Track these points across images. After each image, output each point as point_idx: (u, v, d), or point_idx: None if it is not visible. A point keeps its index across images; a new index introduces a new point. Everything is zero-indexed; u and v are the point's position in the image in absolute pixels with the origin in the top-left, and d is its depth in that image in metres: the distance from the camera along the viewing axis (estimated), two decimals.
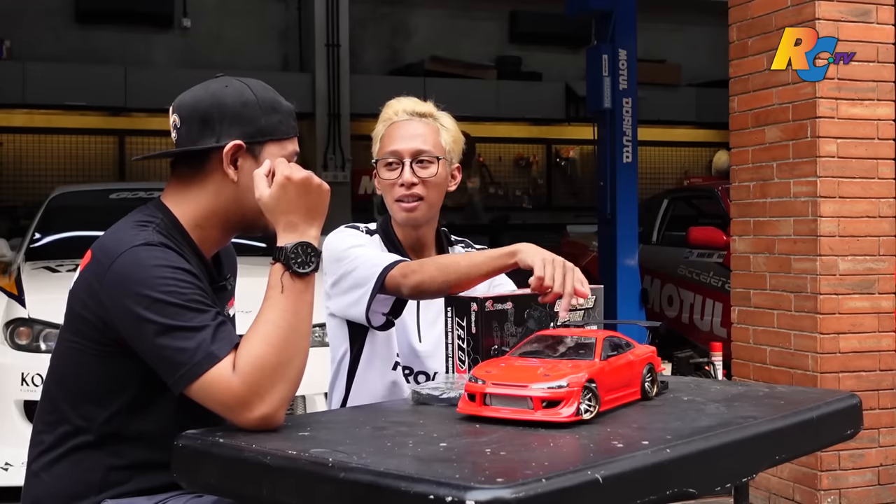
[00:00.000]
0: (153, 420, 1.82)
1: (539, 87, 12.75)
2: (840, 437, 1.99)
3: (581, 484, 1.36)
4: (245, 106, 1.85)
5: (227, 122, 1.84)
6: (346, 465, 1.43)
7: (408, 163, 2.32)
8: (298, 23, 12.22)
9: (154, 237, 1.77)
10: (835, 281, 4.02)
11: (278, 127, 1.87)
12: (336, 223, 2.43)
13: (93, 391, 1.81)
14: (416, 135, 2.33)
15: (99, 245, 1.81)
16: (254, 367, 1.67)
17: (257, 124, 1.85)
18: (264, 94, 1.88)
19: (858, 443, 3.96)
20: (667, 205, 8.45)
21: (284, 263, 1.74)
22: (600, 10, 7.42)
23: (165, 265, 1.73)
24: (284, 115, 1.89)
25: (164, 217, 1.86)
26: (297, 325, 1.73)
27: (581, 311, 2.16)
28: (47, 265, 5.23)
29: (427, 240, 2.41)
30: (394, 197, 2.33)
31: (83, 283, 1.81)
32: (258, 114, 1.85)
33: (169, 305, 1.69)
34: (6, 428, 4.30)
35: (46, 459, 1.84)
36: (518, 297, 2.06)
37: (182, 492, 1.79)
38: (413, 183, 2.31)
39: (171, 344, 1.68)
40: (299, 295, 1.74)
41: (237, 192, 1.85)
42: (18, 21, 11.03)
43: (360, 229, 2.39)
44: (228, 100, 1.85)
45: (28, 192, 10.89)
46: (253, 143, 1.84)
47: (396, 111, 2.38)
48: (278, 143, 1.87)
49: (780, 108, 4.17)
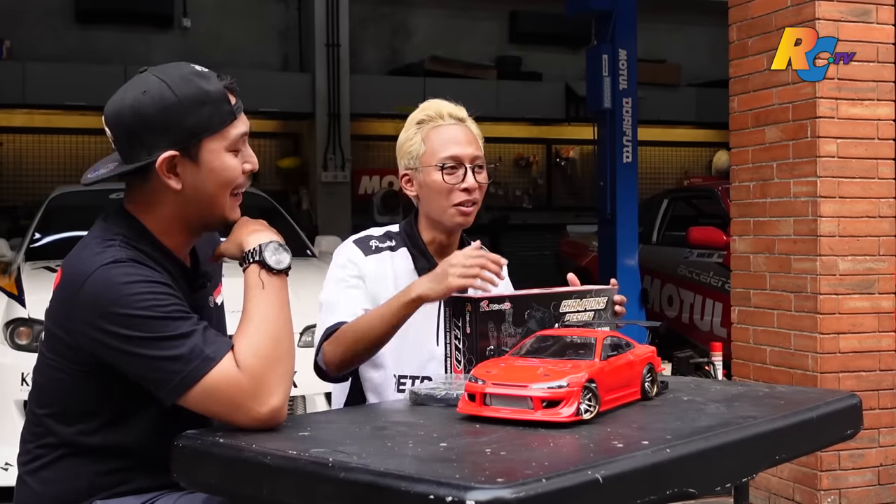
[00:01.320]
0: (136, 432, 1.80)
1: (539, 87, 12.75)
2: (840, 437, 1.99)
3: (581, 484, 1.36)
4: (167, 111, 1.74)
5: (154, 133, 1.74)
6: (346, 465, 1.43)
7: (469, 168, 2.33)
8: (298, 23, 12.22)
9: (121, 253, 1.74)
10: (835, 281, 4.01)
11: (210, 121, 1.76)
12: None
13: (72, 409, 1.80)
14: (470, 140, 2.36)
15: (68, 264, 1.78)
16: (259, 361, 1.67)
17: (185, 126, 1.75)
18: (186, 88, 1.76)
19: (858, 443, 3.96)
20: (667, 205, 8.45)
21: (260, 262, 1.77)
22: (600, 10, 7.42)
23: (138, 280, 1.70)
24: (215, 104, 1.77)
25: (129, 228, 1.81)
26: (285, 319, 1.76)
27: (591, 313, 2.15)
28: (47, 265, 5.22)
29: (454, 243, 2.42)
30: (452, 202, 2.32)
31: (56, 304, 1.78)
32: (183, 115, 1.74)
33: (150, 320, 1.67)
34: (6, 428, 4.30)
35: (34, 466, 1.83)
36: (517, 298, 2.05)
37: (172, 490, 1.79)
38: (476, 187, 2.34)
39: (160, 354, 1.66)
40: (280, 291, 1.77)
41: (186, 196, 1.80)
42: (18, 21, 11.02)
43: (371, 246, 2.35)
44: (148, 109, 1.74)
45: (28, 192, 10.89)
46: (187, 147, 1.76)
47: (441, 114, 2.37)
48: (216, 136, 1.78)
49: (780, 108, 4.17)
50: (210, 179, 1.79)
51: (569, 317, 2.11)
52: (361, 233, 2.41)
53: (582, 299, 2.15)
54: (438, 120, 2.36)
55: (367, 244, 2.35)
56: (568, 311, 2.11)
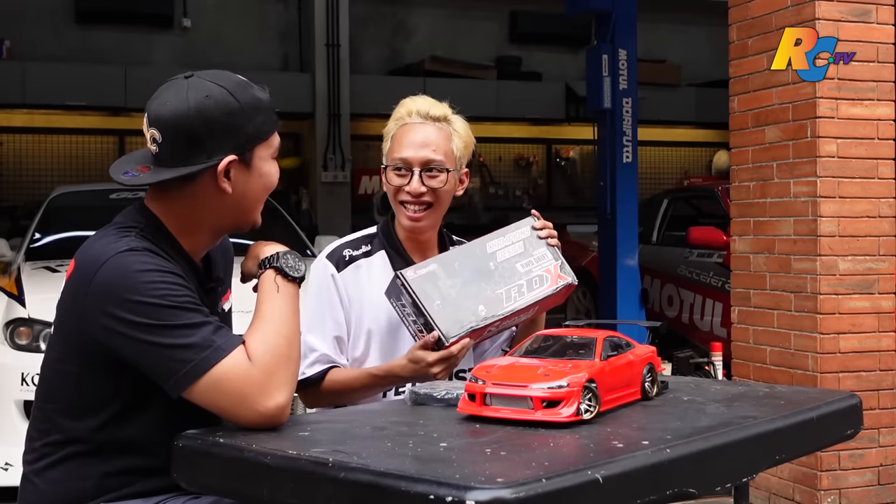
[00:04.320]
0: (143, 428, 1.80)
1: (539, 87, 12.76)
2: (840, 437, 1.99)
3: (581, 484, 1.36)
4: (232, 116, 1.78)
5: (217, 137, 1.77)
6: (346, 465, 1.43)
7: (417, 172, 2.29)
8: (298, 23, 12.23)
9: (136, 243, 1.75)
10: (835, 281, 4.01)
11: (262, 128, 1.83)
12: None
13: (80, 403, 1.80)
14: (426, 143, 2.30)
15: (82, 254, 1.79)
16: (271, 357, 1.69)
17: (246, 133, 1.80)
18: (245, 96, 1.80)
19: (858, 443, 3.96)
20: (667, 205, 8.45)
21: (277, 268, 1.81)
22: (600, 10, 7.42)
23: (152, 269, 1.71)
24: (266, 112, 1.84)
25: (146, 222, 1.82)
26: (296, 324, 1.78)
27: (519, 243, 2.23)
28: (47, 265, 5.22)
29: (430, 242, 2.40)
30: (399, 201, 2.32)
31: (68, 292, 1.79)
32: (245, 121, 1.79)
33: (162, 308, 1.68)
34: (6, 428, 4.30)
35: (40, 465, 1.83)
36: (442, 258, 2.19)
37: (179, 493, 1.78)
38: (421, 192, 2.29)
39: (171, 342, 1.67)
40: (293, 298, 1.81)
41: (230, 200, 1.83)
42: (18, 21, 11.03)
43: (344, 257, 2.34)
44: (215, 113, 1.76)
45: (28, 192, 10.89)
46: (243, 152, 1.81)
47: (410, 112, 2.33)
48: (265, 143, 1.85)
49: (780, 108, 4.17)
50: (258, 184, 1.85)
51: (500, 254, 2.20)
52: (335, 243, 2.40)
53: (504, 236, 2.24)
54: (406, 118, 2.33)
55: (340, 256, 2.33)
56: (496, 251, 2.20)
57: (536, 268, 2.21)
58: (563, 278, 2.22)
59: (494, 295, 2.14)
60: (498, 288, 2.15)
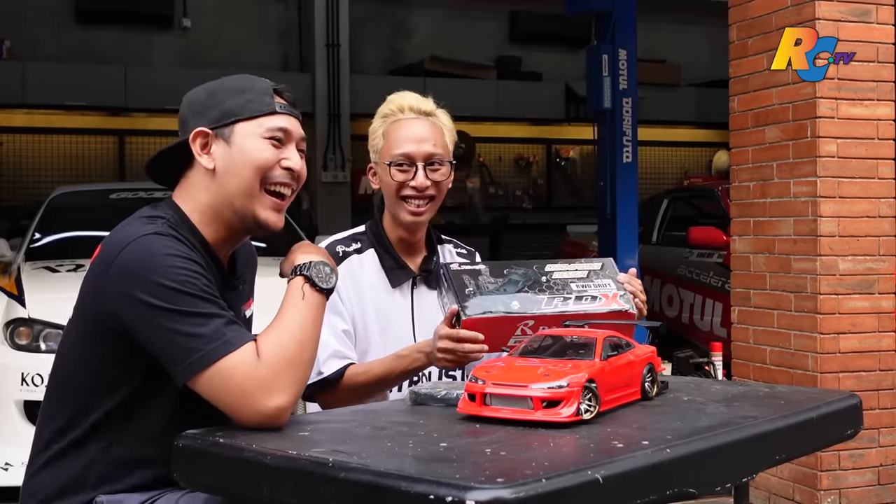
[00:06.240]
0: (151, 417, 1.81)
1: (539, 87, 12.75)
2: (840, 437, 1.99)
3: (581, 484, 1.36)
4: (211, 95, 1.87)
5: (195, 114, 1.87)
6: (346, 465, 1.43)
7: (421, 166, 2.30)
8: (298, 23, 12.22)
9: (164, 229, 1.78)
10: (835, 281, 4.01)
11: (246, 106, 1.85)
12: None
13: (92, 384, 1.81)
14: (426, 137, 2.32)
15: (107, 238, 1.82)
16: (280, 358, 1.69)
17: (223, 108, 1.85)
18: (235, 80, 1.89)
19: (858, 443, 3.96)
20: (667, 205, 8.45)
21: (306, 276, 1.81)
22: (600, 9, 7.42)
23: (177, 255, 1.73)
24: (257, 94, 1.86)
25: (174, 213, 1.86)
26: (315, 333, 1.78)
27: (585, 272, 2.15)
28: (47, 265, 5.23)
29: (420, 241, 2.41)
30: (402, 196, 2.32)
31: (90, 274, 1.82)
32: (224, 97, 1.86)
33: (181, 294, 1.69)
34: (6, 428, 4.30)
35: (45, 456, 1.84)
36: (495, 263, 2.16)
37: (175, 488, 1.79)
38: (426, 186, 2.31)
39: (183, 329, 1.68)
40: (317, 307, 1.80)
41: (220, 180, 1.85)
42: (18, 21, 11.03)
43: (338, 253, 2.33)
44: (197, 95, 1.89)
45: (28, 192, 10.88)
46: (220, 127, 1.84)
47: (402, 108, 2.34)
48: (251, 122, 1.85)
49: (780, 108, 4.17)
50: (240, 159, 1.84)
51: (557, 273, 2.12)
52: (326, 240, 2.40)
53: (570, 263, 2.17)
54: (399, 114, 2.35)
55: (334, 252, 2.33)
56: (555, 271, 2.13)
57: (592, 289, 2.11)
58: (620, 304, 2.10)
59: (534, 297, 2.07)
60: (541, 294, 2.08)
